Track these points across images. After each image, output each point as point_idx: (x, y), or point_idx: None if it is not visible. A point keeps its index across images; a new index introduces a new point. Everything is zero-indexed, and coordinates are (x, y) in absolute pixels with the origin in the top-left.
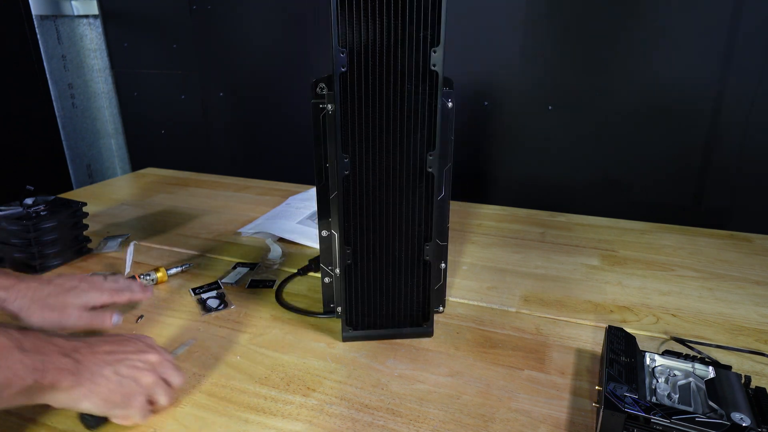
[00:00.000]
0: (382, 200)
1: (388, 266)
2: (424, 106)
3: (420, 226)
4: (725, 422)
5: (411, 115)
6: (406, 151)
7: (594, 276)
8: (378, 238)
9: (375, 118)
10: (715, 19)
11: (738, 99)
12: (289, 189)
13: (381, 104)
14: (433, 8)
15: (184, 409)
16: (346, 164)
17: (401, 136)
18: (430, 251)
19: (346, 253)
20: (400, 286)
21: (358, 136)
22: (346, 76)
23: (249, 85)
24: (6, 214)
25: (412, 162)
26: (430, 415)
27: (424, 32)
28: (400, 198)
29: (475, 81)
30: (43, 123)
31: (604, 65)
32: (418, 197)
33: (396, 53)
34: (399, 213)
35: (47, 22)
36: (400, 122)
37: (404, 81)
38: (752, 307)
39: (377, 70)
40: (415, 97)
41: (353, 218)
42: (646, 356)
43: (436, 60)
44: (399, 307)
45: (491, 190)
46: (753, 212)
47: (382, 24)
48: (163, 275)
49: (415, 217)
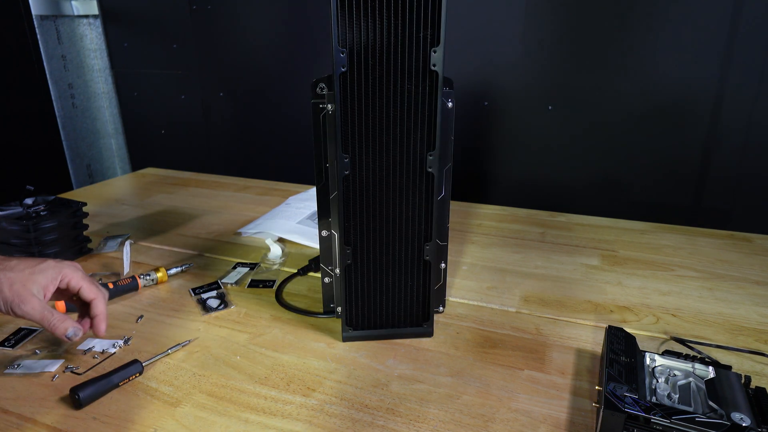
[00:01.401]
0: (382, 200)
1: (388, 266)
2: (424, 106)
3: (420, 226)
4: (725, 422)
5: (411, 115)
6: (406, 151)
7: (594, 276)
8: (378, 238)
9: (375, 118)
10: (715, 18)
11: (738, 99)
12: (289, 189)
13: (381, 104)
14: (433, 8)
15: (184, 409)
16: (346, 164)
17: (401, 136)
18: (430, 251)
19: (346, 253)
20: (400, 286)
21: (358, 136)
22: (346, 76)
23: (249, 85)
24: (6, 214)
25: (412, 162)
26: (430, 415)
27: (424, 32)
28: (400, 198)
29: (475, 81)
30: (43, 123)
31: (604, 65)
32: (418, 197)
33: (396, 53)
34: (399, 213)
35: (47, 22)
36: (400, 122)
37: (404, 81)
38: (752, 307)
39: (377, 70)
40: (415, 97)
41: (353, 218)
42: (646, 356)
43: (436, 60)
44: (399, 307)
45: (491, 190)
46: (753, 212)
47: (382, 24)
48: (163, 275)
49: (415, 217)
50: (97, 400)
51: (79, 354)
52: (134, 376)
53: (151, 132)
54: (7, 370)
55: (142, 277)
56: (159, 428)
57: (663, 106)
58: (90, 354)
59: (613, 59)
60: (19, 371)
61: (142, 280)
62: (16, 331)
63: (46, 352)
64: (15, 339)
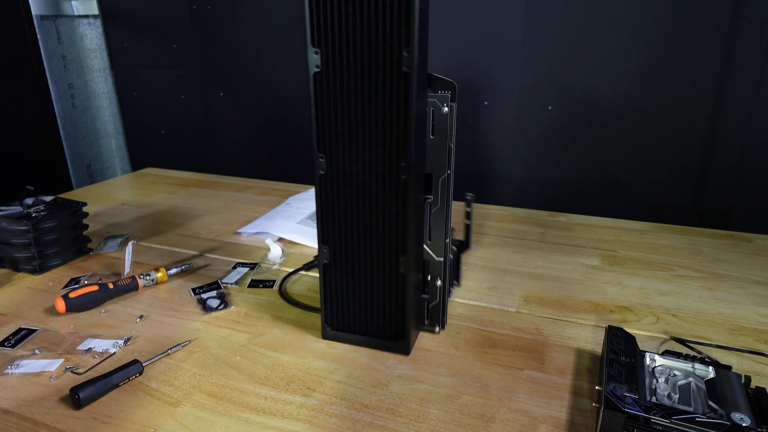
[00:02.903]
0: (356, 205)
1: (364, 273)
2: (399, 111)
3: (395, 236)
4: (725, 422)
5: (384, 119)
6: (377, 157)
7: (594, 276)
8: (355, 242)
9: (348, 120)
10: (715, 18)
11: (738, 99)
12: (289, 189)
13: (353, 106)
14: (404, 6)
15: (184, 409)
16: (321, 164)
17: (375, 141)
18: (406, 264)
19: (323, 252)
20: (376, 296)
21: (334, 137)
22: (321, 76)
23: (249, 85)
24: (6, 214)
25: (387, 169)
26: (430, 415)
27: (396, 32)
28: (375, 205)
29: (475, 81)
30: (43, 123)
31: (604, 65)
32: (391, 206)
33: (368, 54)
34: (372, 220)
35: (47, 22)
36: (372, 127)
37: (377, 83)
38: (752, 307)
39: (350, 71)
40: (390, 100)
41: (330, 219)
42: (646, 356)
43: (409, 62)
44: (376, 317)
45: (491, 190)
46: (753, 212)
47: (355, 23)
48: (163, 275)
49: (389, 226)
50: (97, 400)
51: (79, 354)
52: (134, 376)
53: (151, 132)
54: (7, 370)
55: (142, 277)
56: (159, 428)
57: (663, 107)
58: (90, 354)
59: (614, 59)
60: (19, 371)
61: (142, 280)
62: (16, 331)
63: (46, 352)
64: (15, 339)
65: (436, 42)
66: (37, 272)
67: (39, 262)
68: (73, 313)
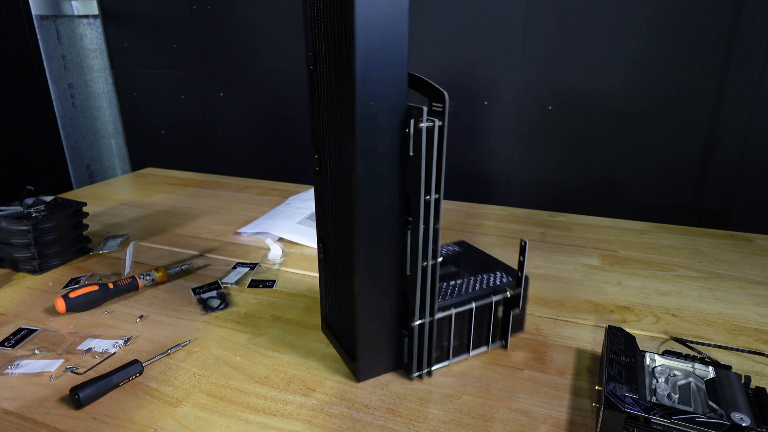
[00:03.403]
0: (335, 208)
1: (342, 277)
2: (349, 116)
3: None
4: (725, 422)
5: (343, 128)
6: (343, 164)
7: (594, 276)
8: (337, 243)
9: (330, 121)
10: (715, 18)
11: (738, 99)
12: (289, 189)
13: (335, 111)
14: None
15: (184, 409)
16: (317, 160)
17: (342, 147)
18: (357, 284)
19: (320, 247)
20: (344, 305)
21: (323, 137)
22: (314, 74)
23: (248, 85)
24: (6, 214)
25: (347, 180)
26: (430, 415)
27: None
28: (341, 213)
29: (475, 81)
30: (43, 123)
31: (604, 65)
32: (347, 218)
33: (334, 55)
34: (338, 229)
35: (47, 22)
36: (338, 131)
37: (338, 87)
38: (752, 307)
39: (329, 71)
40: (343, 104)
41: (321, 216)
42: (646, 356)
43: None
44: (343, 325)
45: (491, 190)
46: (753, 212)
47: (327, 24)
48: (163, 275)
49: (346, 239)
50: (97, 400)
51: (79, 354)
52: (134, 376)
53: (151, 132)
54: (7, 370)
55: (142, 277)
56: (159, 428)
57: (663, 106)
58: (90, 354)
59: (614, 59)
60: (19, 371)
61: (142, 280)
62: (16, 331)
63: (46, 352)
64: (15, 339)
65: (436, 42)
66: (37, 272)
67: (39, 262)
68: (73, 313)
